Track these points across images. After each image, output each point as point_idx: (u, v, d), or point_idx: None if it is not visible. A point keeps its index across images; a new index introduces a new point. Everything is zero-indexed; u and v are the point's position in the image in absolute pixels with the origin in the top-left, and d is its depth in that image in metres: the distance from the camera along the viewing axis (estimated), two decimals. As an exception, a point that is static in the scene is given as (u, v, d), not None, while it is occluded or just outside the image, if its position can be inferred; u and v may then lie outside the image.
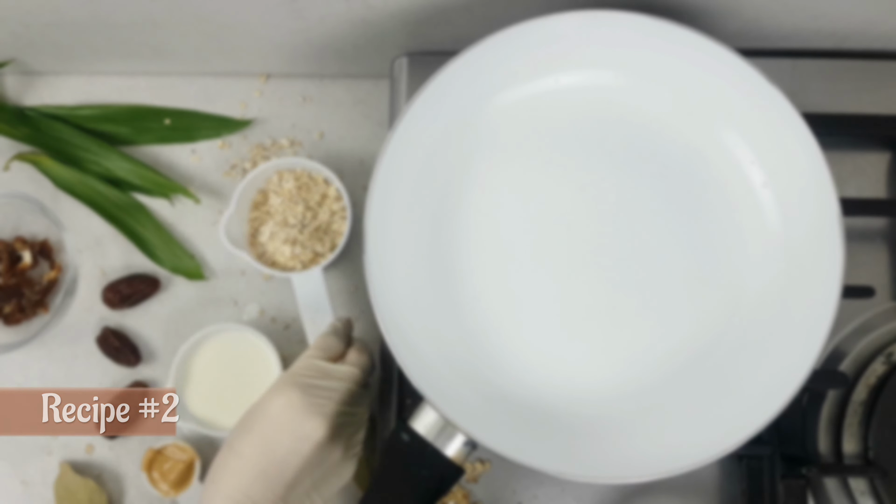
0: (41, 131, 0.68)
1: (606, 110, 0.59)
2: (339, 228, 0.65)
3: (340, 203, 0.65)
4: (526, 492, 0.62)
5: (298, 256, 0.63)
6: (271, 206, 0.65)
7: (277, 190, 0.65)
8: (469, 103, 0.58)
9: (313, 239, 0.64)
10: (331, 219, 0.65)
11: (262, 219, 0.65)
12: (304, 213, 0.64)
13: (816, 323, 0.52)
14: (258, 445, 0.50)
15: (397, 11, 0.60)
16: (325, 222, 0.65)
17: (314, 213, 0.65)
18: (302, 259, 0.63)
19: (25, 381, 0.66)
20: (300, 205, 0.64)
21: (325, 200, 0.65)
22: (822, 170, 0.53)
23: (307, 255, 0.64)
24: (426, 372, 0.52)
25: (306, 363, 0.54)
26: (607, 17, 0.55)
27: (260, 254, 0.64)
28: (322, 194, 0.65)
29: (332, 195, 0.65)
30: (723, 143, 0.58)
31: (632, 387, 0.56)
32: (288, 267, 0.63)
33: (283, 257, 0.63)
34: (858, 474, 0.58)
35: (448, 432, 0.52)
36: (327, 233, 0.65)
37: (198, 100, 0.70)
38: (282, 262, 0.64)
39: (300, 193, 0.65)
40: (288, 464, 0.50)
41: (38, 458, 0.65)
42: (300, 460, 0.50)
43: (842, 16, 0.61)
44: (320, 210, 0.65)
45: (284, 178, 0.65)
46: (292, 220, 0.64)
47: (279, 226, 0.64)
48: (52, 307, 0.66)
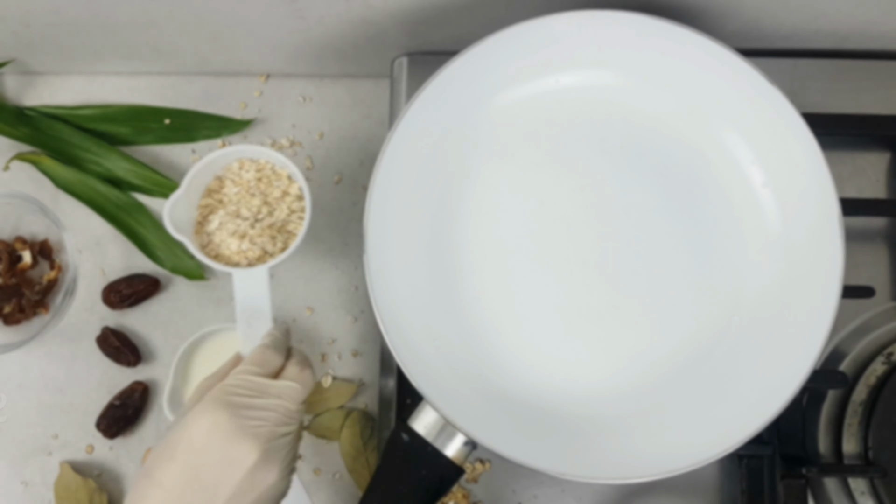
0: (41, 131, 0.68)
1: (606, 110, 0.59)
2: (295, 230, 0.59)
3: (301, 203, 0.60)
4: (526, 492, 0.62)
5: (245, 252, 0.58)
6: (225, 195, 0.60)
7: (235, 178, 0.61)
8: (469, 103, 0.58)
9: (265, 236, 0.59)
10: (288, 218, 0.60)
11: (214, 207, 0.60)
12: (261, 207, 0.60)
13: (816, 323, 0.52)
14: (181, 474, 0.45)
15: (397, 11, 0.60)
16: (280, 220, 0.60)
17: (270, 209, 0.60)
18: (249, 256, 0.58)
19: (25, 381, 0.66)
20: (257, 198, 0.60)
21: (286, 198, 0.61)
22: (822, 170, 0.53)
23: (255, 252, 0.58)
24: (426, 372, 0.52)
25: (239, 379, 0.49)
26: (607, 17, 0.55)
27: (204, 243, 0.59)
28: (283, 191, 0.61)
29: (293, 193, 0.61)
30: (723, 143, 0.58)
31: (631, 387, 0.56)
32: (232, 262, 0.58)
33: (229, 251, 0.59)
34: (858, 474, 0.58)
35: (448, 432, 0.52)
36: (281, 232, 0.60)
37: (198, 100, 0.70)
38: (226, 256, 0.59)
39: (259, 186, 0.60)
40: (216, 493, 0.45)
41: (38, 458, 0.65)
42: (230, 489, 0.45)
43: (841, 16, 0.61)
44: (278, 207, 0.60)
45: (245, 167, 0.61)
46: (245, 213, 0.59)
47: (230, 216, 0.59)
48: (51, 307, 0.66)
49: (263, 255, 0.59)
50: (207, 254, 0.59)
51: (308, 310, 0.67)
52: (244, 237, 0.58)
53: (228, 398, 0.47)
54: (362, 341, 0.67)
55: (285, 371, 0.51)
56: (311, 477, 0.65)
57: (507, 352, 0.56)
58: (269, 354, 0.51)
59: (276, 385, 0.50)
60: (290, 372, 0.51)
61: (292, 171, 0.60)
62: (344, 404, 0.65)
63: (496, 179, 0.58)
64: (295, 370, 0.51)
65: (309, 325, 0.67)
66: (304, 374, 0.51)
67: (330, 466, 0.65)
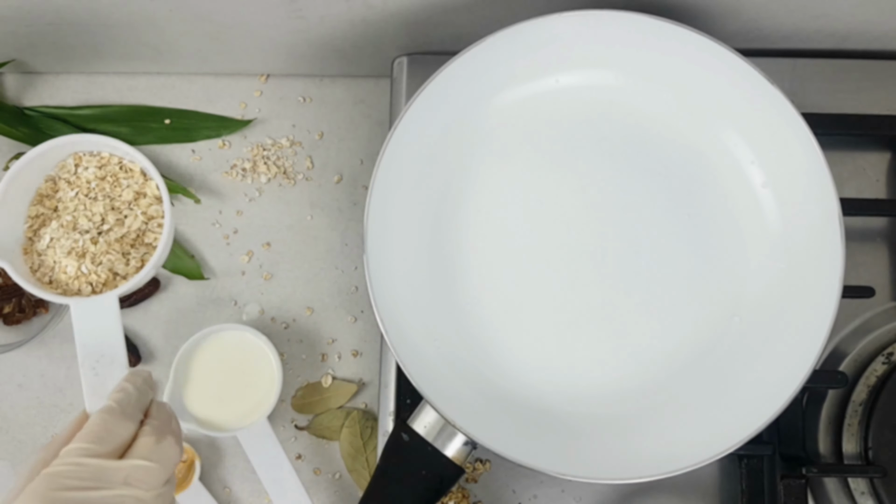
0: (41, 131, 0.68)
1: (606, 110, 0.59)
2: (156, 241, 0.47)
3: (160, 207, 0.48)
4: (526, 492, 0.62)
5: (87, 276, 0.46)
6: (60, 201, 0.48)
7: (71, 179, 0.48)
8: (469, 103, 0.58)
9: (113, 253, 0.47)
10: (144, 227, 0.48)
11: (46, 217, 0.48)
12: (105, 214, 0.47)
13: (816, 323, 0.52)
14: None
15: (397, 11, 0.60)
16: (134, 231, 0.48)
17: (120, 217, 0.48)
18: (92, 280, 0.46)
19: (25, 381, 0.66)
20: (100, 202, 0.48)
21: (140, 201, 0.48)
22: (822, 170, 0.53)
23: (101, 275, 0.46)
24: (426, 372, 0.52)
25: (68, 464, 0.37)
26: (607, 17, 0.55)
27: (35, 266, 0.47)
28: (136, 192, 0.48)
29: (150, 194, 0.48)
30: (723, 143, 0.58)
31: (631, 387, 0.56)
32: (70, 289, 0.46)
33: (65, 275, 0.46)
34: (858, 474, 0.58)
35: (448, 432, 0.52)
36: (136, 246, 0.48)
37: (198, 100, 0.70)
38: (62, 282, 0.46)
39: (102, 187, 0.48)
40: None
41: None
42: None
43: (842, 15, 0.61)
44: (130, 213, 0.48)
45: (84, 163, 0.48)
46: (85, 224, 0.47)
47: (66, 230, 0.47)
48: (52, 307, 0.66)
49: (113, 277, 0.47)
50: (39, 279, 0.46)
51: (308, 310, 0.67)
52: (84, 256, 0.46)
53: (53, 494, 0.35)
54: (362, 341, 0.67)
55: (136, 443, 0.39)
56: (311, 477, 0.65)
57: (506, 352, 0.56)
58: (113, 423, 0.39)
59: (122, 467, 0.38)
60: (141, 445, 0.39)
61: (145, 165, 0.48)
62: (344, 404, 0.65)
63: (496, 179, 0.58)
64: (149, 441, 0.39)
65: (309, 325, 0.67)
66: (164, 447, 0.39)
67: (330, 466, 0.65)
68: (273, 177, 0.69)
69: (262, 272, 0.67)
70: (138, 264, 0.47)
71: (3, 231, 0.46)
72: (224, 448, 0.65)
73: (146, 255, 0.47)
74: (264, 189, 0.69)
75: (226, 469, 0.65)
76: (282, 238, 0.68)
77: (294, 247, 0.68)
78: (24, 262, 0.46)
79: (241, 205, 0.69)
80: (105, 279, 0.46)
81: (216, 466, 0.65)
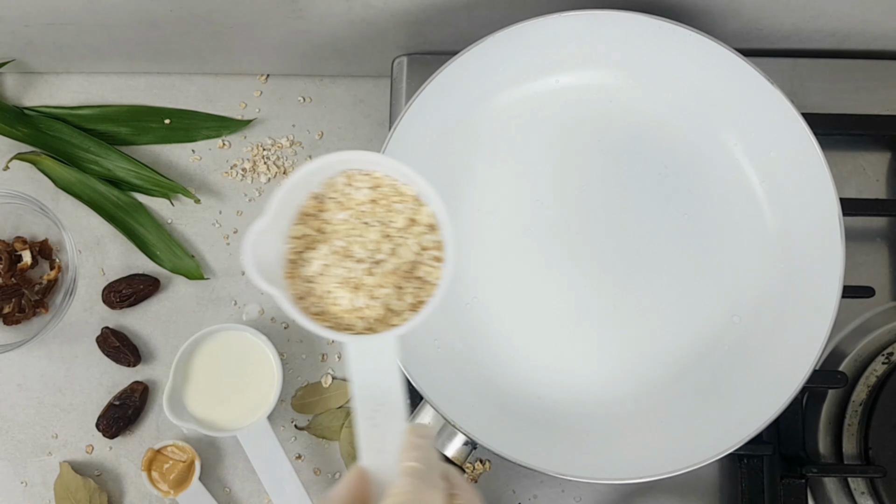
0: (41, 131, 0.68)
1: (606, 110, 0.59)
2: (429, 276, 0.41)
3: (436, 236, 0.41)
4: (526, 492, 0.62)
5: (360, 311, 0.40)
6: (328, 223, 0.41)
7: (342, 200, 0.42)
8: (469, 103, 0.58)
9: (388, 286, 0.40)
10: (418, 258, 0.41)
11: (312, 240, 0.41)
12: (380, 242, 0.41)
13: (816, 323, 0.52)
14: None
15: (397, 11, 0.60)
16: (408, 263, 0.41)
17: (393, 246, 0.41)
18: (365, 315, 0.40)
19: (25, 382, 0.66)
20: (375, 229, 0.41)
21: (412, 228, 0.41)
22: (822, 169, 0.53)
23: (376, 310, 0.40)
24: (426, 372, 0.52)
25: None
26: (607, 17, 0.55)
27: (301, 293, 0.41)
28: (409, 218, 0.41)
29: (423, 221, 0.41)
30: (723, 143, 0.58)
31: (631, 387, 0.56)
32: (342, 324, 0.40)
33: (337, 308, 0.40)
34: (858, 474, 0.58)
35: (448, 432, 0.52)
36: (409, 279, 0.41)
37: (197, 100, 0.70)
38: (334, 315, 0.40)
39: (375, 211, 0.41)
40: None
41: (37, 457, 0.65)
42: None
43: (841, 16, 0.61)
44: (403, 242, 0.41)
45: (356, 182, 0.42)
46: (360, 252, 0.41)
47: (338, 256, 0.41)
48: (51, 307, 0.66)
49: (386, 314, 0.40)
50: (307, 309, 0.40)
51: (308, 310, 0.67)
52: (359, 288, 0.40)
53: None
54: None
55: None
56: (311, 477, 0.65)
57: (506, 352, 0.56)
58: (424, 490, 0.33)
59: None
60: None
61: (422, 188, 0.40)
62: (344, 404, 0.65)
63: (496, 179, 0.58)
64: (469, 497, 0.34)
65: (309, 325, 0.67)
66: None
67: (330, 466, 0.65)
68: (273, 177, 0.69)
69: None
70: (412, 301, 0.40)
71: (267, 253, 0.40)
72: (224, 448, 0.65)
73: (420, 291, 0.40)
74: (264, 189, 0.69)
75: (226, 469, 0.65)
76: (282, 238, 0.68)
77: (294, 247, 0.68)
78: (288, 288, 0.40)
79: (241, 205, 0.69)
80: (379, 315, 0.40)
81: (216, 466, 0.65)
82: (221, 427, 0.63)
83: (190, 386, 0.63)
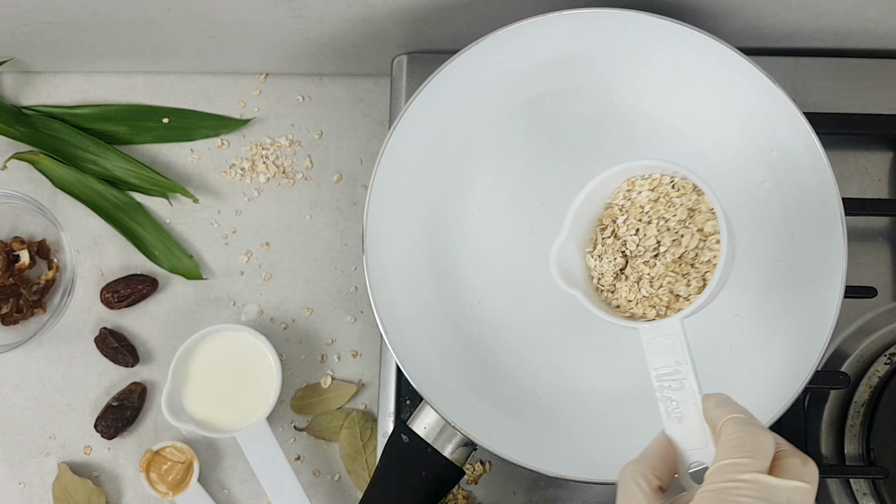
0: (39, 130, 0.68)
1: (607, 110, 0.59)
2: (714, 258, 0.46)
3: (716, 222, 0.46)
4: (526, 493, 0.61)
5: (648, 300, 0.47)
6: (618, 227, 0.48)
7: (625, 205, 0.48)
8: (469, 102, 0.57)
9: (672, 274, 0.46)
10: (702, 244, 0.46)
11: (608, 246, 0.49)
12: (661, 236, 0.47)
13: (818, 323, 0.52)
14: None
15: (397, 10, 0.60)
16: (691, 251, 0.46)
17: (676, 238, 0.47)
18: (654, 303, 0.47)
19: (23, 382, 0.66)
20: (653, 225, 0.47)
21: (695, 217, 0.47)
22: (824, 169, 0.53)
23: (663, 297, 0.47)
24: (426, 372, 0.52)
25: (738, 480, 0.36)
26: (607, 16, 0.55)
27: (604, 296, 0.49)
28: (690, 209, 0.47)
29: (704, 209, 0.46)
30: (724, 143, 0.58)
31: (632, 387, 0.56)
32: (635, 314, 0.47)
33: (627, 301, 0.48)
34: (860, 475, 0.58)
35: (448, 433, 0.52)
36: (695, 265, 0.46)
37: (196, 99, 0.70)
38: (625, 307, 0.48)
39: (657, 209, 0.47)
40: None
41: (36, 459, 0.65)
42: None
43: (844, 14, 0.61)
44: (686, 232, 0.46)
45: (637, 187, 0.48)
46: (639, 248, 0.47)
47: (621, 255, 0.48)
48: (49, 307, 0.66)
49: (675, 300, 0.47)
50: (608, 304, 0.48)
51: (307, 310, 0.67)
52: (640, 280, 0.47)
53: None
54: (362, 341, 0.66)
55: (781, 462, 0.38)
56: (311, 478, 0.64)
57: (506, 352, 0.56)
58: (762, 437, 0.38)
59: (784, 487, 0.36)
60: (791, 465, 0.38)
61: (698, 181, 0.46)
62: (343, 405, 0.65)
63: (496, 178, 0.58)
64: (797, 462, 0.38)
65: (308, 326, 0.67)
66: (809, 469, 0.38)
67: (329, 468, 0.65)
68: (272, 176, 0.69)
69: (261, 272, 0.67)
70: (699, 283, 0.46)
71: (570, 261, 0.48)
72: (223, 449, 0.65)
73: (707, 274, 0.46)
74: (263, 189, 0.69)
75: (224, 470, 0.65)
76: (281, 238, 0.68)
77: (293, 247, 0.68)
78: (592, 288, 0.48)
79: (240, 204, 0.68)
80: (668, 301, 0.46)
81: (215, 468, 0.65)
82: (220, 428, 0.62)
83: (189, 387, 0.63)
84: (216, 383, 0.63)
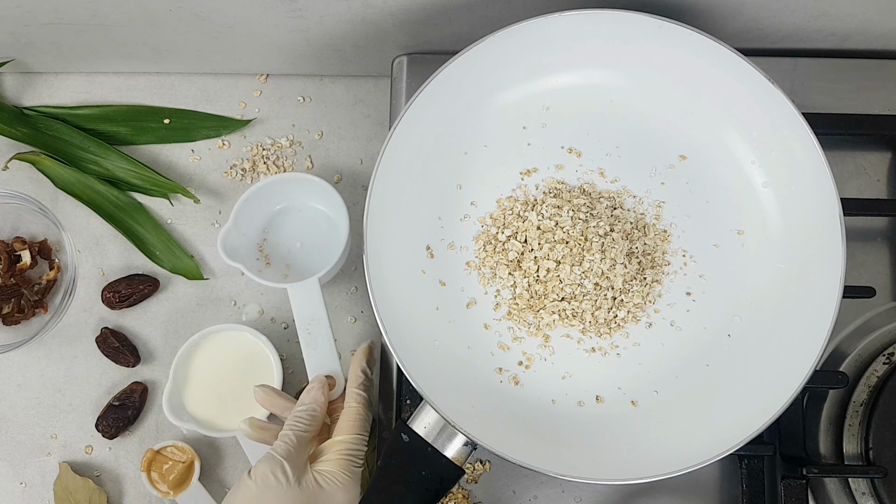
0: (40, 131, 0.68)
1: (607, 110, 0.59)
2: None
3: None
4: (526, 492, 0.61)
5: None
6: None
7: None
8: (469, 102, 0.58)
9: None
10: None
11: None
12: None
13: (817, 323, 0.52)
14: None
15: (397, 11, 0.60)
16: None
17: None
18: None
19: (24, 382, 0.66)
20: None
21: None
22: (823, 169, 0.53)
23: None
24: (426, 372, 0.52)
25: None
26: (607, 17, 0.55)
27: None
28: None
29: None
30: (723, 143, 0.58)
31: (632, 387, 0.56)
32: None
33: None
34: (859, 474, 0.58)
35: (448, 433, 0.52)
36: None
37: (197, 99, 0.70)
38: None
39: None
40: None
41: (37, 458, 0.65)
42: None
43: (842, 15, 0.61)
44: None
45: None
46: None
47: None
48: (51, 307, 0.66)
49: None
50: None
51: (308, 310, 0.67)
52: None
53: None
54: (362, 341, 0.66)
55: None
56: (311, 477, 0.64)
57: (506, 353, 0.56)
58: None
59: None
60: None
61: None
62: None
63: (497, 179, 0.58)
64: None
65: (308, 326, 0.67)
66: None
67: (330, 467, 0.65)
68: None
69: None
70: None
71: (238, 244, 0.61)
72: (223, 449, 0.65)
73: None
74: (264, 189, 0.69)
75: (225, 470, 0.65)
76: (281, 238, 0.68)
77: (294, 247, 0.68)
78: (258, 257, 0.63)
79: (241, 205, 0.68)
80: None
81: (216, 467, 0.65)
82: (221, 427, 0.63)
83: (189, 386, 0.63)
84: (217, 383, 0.63)
